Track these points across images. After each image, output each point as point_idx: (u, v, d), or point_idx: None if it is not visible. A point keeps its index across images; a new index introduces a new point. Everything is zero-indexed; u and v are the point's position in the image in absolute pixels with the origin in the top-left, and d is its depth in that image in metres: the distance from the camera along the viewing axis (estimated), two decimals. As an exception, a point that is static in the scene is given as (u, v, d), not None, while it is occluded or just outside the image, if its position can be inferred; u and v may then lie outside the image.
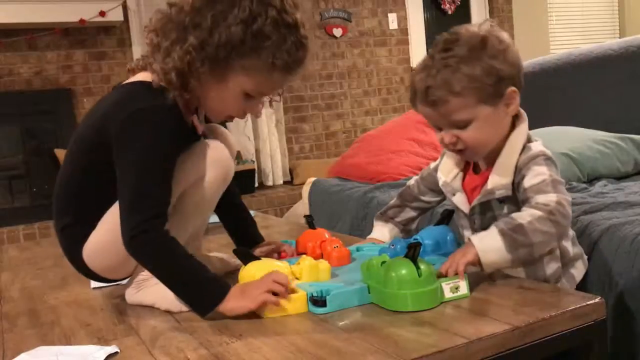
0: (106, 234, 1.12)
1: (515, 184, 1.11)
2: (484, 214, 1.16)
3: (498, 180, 1.11)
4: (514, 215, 1.03)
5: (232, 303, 1.00)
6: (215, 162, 1.13)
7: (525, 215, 1.01)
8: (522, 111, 1.15)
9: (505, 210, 1.12)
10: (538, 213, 1.00)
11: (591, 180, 2.02)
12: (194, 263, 1.03)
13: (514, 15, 5.42)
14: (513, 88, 1.07)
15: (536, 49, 5.04)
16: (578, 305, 0.90)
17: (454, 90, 1.04)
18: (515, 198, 1.11)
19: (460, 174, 1.21)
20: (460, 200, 1.20)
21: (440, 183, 1.25)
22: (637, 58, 2.38)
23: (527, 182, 1.06)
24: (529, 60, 2.78)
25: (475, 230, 1.16)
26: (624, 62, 2.42)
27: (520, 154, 1.11)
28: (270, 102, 1.22)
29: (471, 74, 1.03)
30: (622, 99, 2.39)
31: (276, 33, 1.06)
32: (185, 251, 1.05)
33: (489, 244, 1.01)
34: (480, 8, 5.28)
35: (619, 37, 4.88)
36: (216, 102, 1.14)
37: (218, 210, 1.34)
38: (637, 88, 2.35)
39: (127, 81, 1.15)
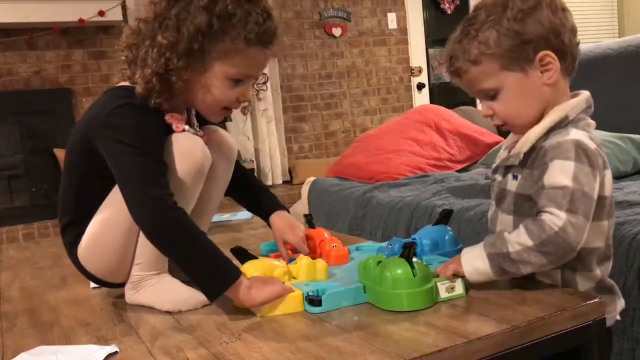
0: (95, 233, 1.13)
1: (535, 166, 0.98)
2: (500, 185, 1.08)
3: (517, 149, 1.02)
4: (505, 235, 0.95)
5: (244, 293, 1.00)
6: (184, 155, 1.12)
7: (514, 242, 0.94)
8: (585, 93, 1.03)
9: (514, 189, 1.03)
10: (528, 243, 0.92)
11: (590, 179, 2.02)
12: (211, 242, 1.04)
13: (513, 15, 5.42)
14: (546, 52, 0.97)
15: (535, 48, 5.02)
16: (577, 305, 0.90)
17: (472, 58, 0.99)
18: (529, 179, 1.00)
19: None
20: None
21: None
22: (636, 58, 2.39)
23: (548, 177, 0.94)
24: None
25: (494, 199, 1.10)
26: (623, 62, 2.43)
27: (552, 132, 0.98)
28: (257, 93, 1.23)
29: (487, 40, 0.98)
30: (621, 99, 2.39)
31: (239, 9, 1.08)
32: (200, 229, 1.05)
33: (475, 266, 0.98)
34: (480, 8, 5.27)
35: (618, 37, 4.89)
36: (205, 96, 1.14)
37: (233, 193, 1.37)
38: (636, 88, 2.35)
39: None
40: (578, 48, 1.01)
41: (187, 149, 1.12)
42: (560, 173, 0.93)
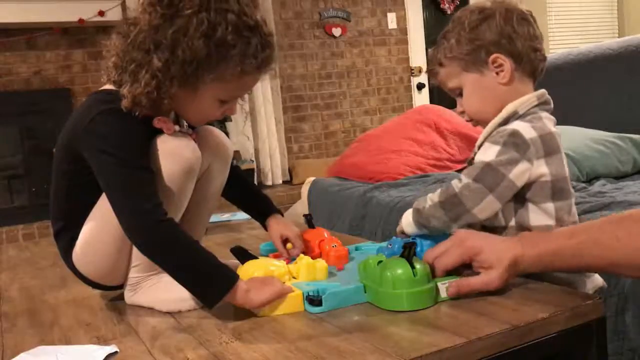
0: (89, 237, 1.12)
1: None
2: None
3: (477, 143, 1.14)
4: (429, 195, 1.10)
5: (243, 294, 0.99)
6: (172, 156, 1.09)
7: (429, 198, 1.09)
8: (539, 91, 1.12)
9: None
10: (435, 199, 1.07)
11: (590, 179, 2.02)
12: (203, 249, 1.03)
13: (513, 15, 5.42)
14: (497, 54, 1.09)
15: (535, 48, 5.02)
16: (577, 305, 0.90)
17: (440, 62, 1.16)
18: None
19: None
20: None
21: None
22: (636, 57, 2.39)
23: (477, 156, 1.08)
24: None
25: None
26: (623, 62, 2.43)
27: (501, 126, 1.09)
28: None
29: (449, 45, 1.14)
30: (621, 99, 2.39)
31: (239, 39, 1.04)
32: (191, 238, 1.04)
33: (407, 218, 1.13)
34: (480, 8, 5.27)
35: (618, 37, 4.89)
36: (193, 113, 1.14)
37: (228, 194, 1.36)
38: (636, 87, 2.35)
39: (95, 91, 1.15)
40: (538, 54, 1.12)
41: (175, 149, 1.10)
42: (485, 153, 1.05)
